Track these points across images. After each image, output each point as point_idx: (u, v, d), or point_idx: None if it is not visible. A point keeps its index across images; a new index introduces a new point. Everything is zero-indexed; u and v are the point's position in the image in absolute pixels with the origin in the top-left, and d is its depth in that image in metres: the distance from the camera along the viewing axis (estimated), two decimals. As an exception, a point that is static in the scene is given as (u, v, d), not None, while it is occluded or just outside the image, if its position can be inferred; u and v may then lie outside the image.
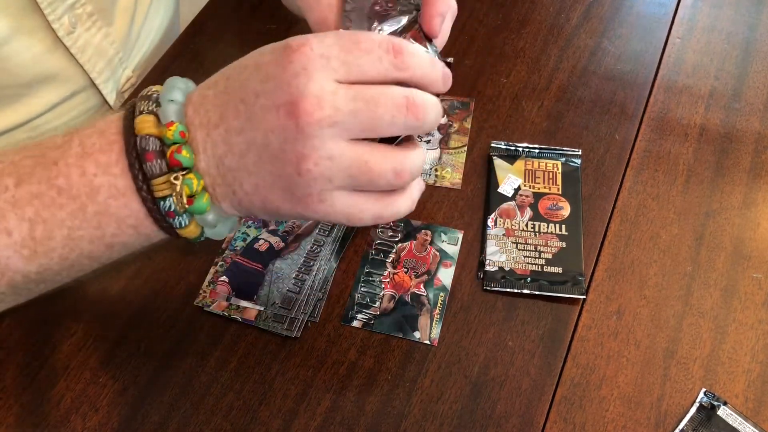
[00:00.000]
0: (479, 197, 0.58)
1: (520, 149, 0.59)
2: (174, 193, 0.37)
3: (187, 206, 0.37)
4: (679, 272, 0.54)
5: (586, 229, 0.55)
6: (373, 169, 0.36)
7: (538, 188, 0.57)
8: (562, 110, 0.63)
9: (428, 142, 0.60)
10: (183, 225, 0.38)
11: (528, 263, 0.53)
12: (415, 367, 0.49)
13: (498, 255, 0.54)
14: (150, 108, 0.37)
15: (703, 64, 0.66)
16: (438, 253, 0.54)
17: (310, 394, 0.48)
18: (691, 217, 0.56)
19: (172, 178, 0.37)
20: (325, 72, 0.34)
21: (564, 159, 0.59)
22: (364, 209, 0.38)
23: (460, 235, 0.55)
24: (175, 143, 0.36)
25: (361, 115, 0.35)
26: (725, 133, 0.61)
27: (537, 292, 0.52)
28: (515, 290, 0.52)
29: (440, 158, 0.60)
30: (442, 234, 0.55)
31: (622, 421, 0.47)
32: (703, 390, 0.48)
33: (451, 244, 0.55)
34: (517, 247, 0.54)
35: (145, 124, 0.37)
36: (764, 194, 0.58)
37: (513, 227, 0.55)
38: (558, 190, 0.57)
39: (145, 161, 0.36)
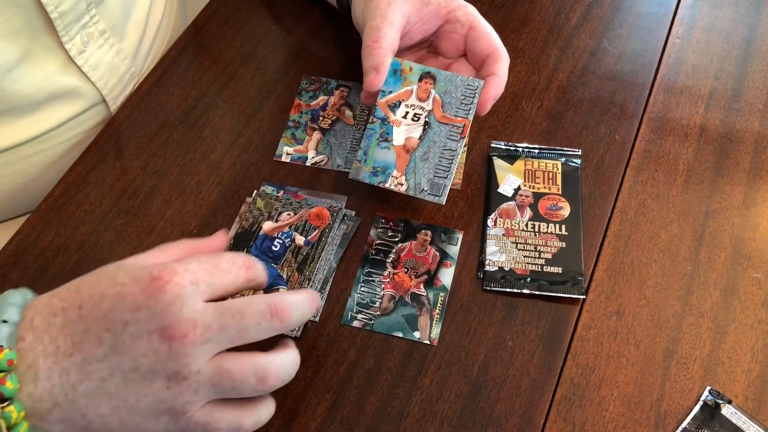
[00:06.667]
0: (479, 197, 0.58)
1: (520, 149, 0.59)
2: None
3: None
4: (679, 272, 0.54)
5: (585, 229, 0.55)
6: (234, 376, 0.37)
7: (538, 188, 0.57)
8: (562, 110, 0.63)
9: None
10: None
11: (528, 263, 0.53)
12: (415, 367, 0.49)
13: (498, 255, 0.54)
14: None
15: (702, 64, 0.66)
16: (438, 253, 0.54)
17: (310, 394, 0.48)
18: (690, 217, 0.56)
19: None
20: (196, 296, 0.37)
21: (564, 159, 0.59)
22: (219, 419, 0.39)
23: (460, 235, 0.55)
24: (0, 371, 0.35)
25: (230, 328, 0.37)
26: (725, 133, 0.61)
27: (537, 292, 0.52)
28: (515, 290, 0.52)
29: (440, 158, 0.60)
30: (442, 234, 0.56)
31: (621, 420, 0.47)
32: (708, 388, 0.48)
33: (451, 244, 0.55)
34: (516, 247, 0.54)
35: None
36: (764, 194, 0.58)
37: (513, 227, 0.55)
38: (558, 190, 0.57)
39: None
